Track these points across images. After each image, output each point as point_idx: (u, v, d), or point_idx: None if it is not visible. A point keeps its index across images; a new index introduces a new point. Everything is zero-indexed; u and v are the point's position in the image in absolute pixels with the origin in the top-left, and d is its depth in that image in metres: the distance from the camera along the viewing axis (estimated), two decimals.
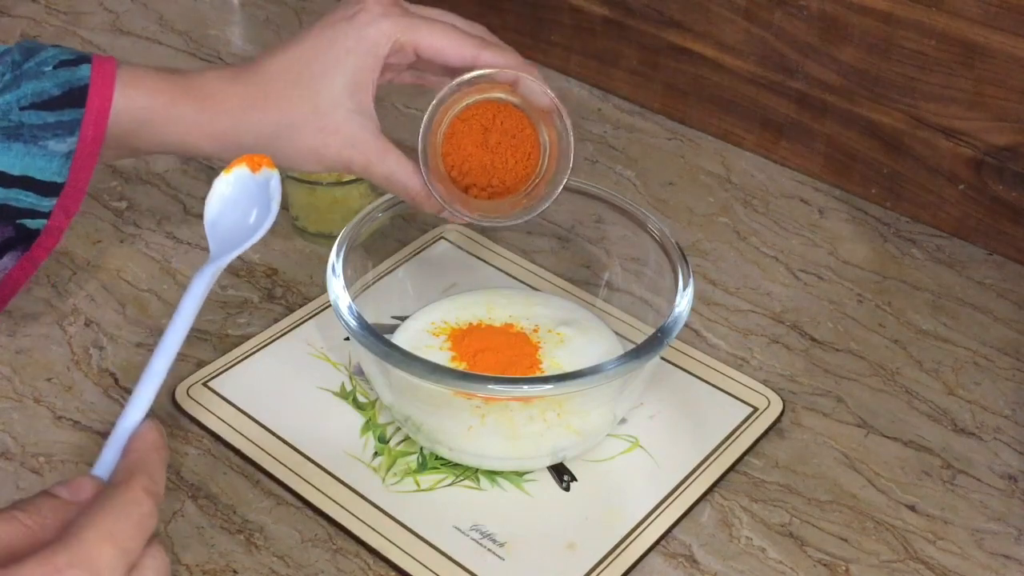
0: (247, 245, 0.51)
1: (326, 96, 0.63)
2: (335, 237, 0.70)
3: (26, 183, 0.61)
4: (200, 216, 0.89)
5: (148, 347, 0.77)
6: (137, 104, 0.62)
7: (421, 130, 0.65)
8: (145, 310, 0.80)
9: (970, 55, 0.84)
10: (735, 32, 0.95)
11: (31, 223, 0.62)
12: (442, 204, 0.65)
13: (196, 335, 0.78)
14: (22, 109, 0.60)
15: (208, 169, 0.94)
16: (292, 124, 0.63)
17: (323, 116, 0.63)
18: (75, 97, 0.60)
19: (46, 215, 0.62)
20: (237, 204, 0.53)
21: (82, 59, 0.61)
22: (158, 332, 0.78)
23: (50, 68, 0.61)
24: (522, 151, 0.66)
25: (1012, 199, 0.87)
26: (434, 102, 0.64)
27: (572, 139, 0.65)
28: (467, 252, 0.84)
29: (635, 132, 1.01)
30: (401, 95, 1.04)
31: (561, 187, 0.66)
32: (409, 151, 0.96)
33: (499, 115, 0.66)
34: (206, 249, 0.87)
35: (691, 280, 0.69)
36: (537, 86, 0.64)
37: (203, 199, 0.92)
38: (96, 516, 0.42)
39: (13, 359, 0.76)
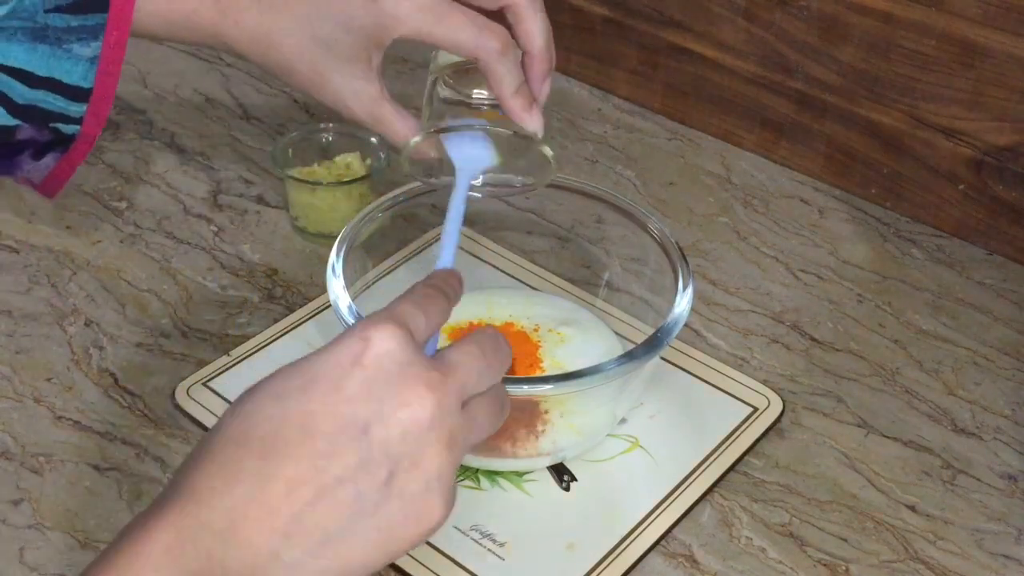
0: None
1: (327, 56, 0.65)
2: (335, 237, 0.70)
3: (53, 85, 0.63)
4: (200, 216, 0.89)
5: (148, 347, 0.77)
6: (158, 12, 0.64)
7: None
8: (145, 310, 0.80)
9: (970, 55, 0.84)
10: (735, 32, 0.95)
11: (65, 128, 0.64)
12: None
13: (196, 335, 0.78)
14: (47, 11, 0.62)
15: (208, 169, 0.94)
16: (294, 70, 0.65)
17: (322, 75, 0.65)
18: (98, 1, 0.62)
19: (78, 121, 0.64)
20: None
21: None
22: (158, 332, 0.78)
23: None
24: None
25: (1012, 199, 0.87)
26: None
27: (553, 165, 0.66)
28: (467, 252, 0.84)
29: (635, 132, 1.01)
30: (401, 95, 1.04)
31: (528, 188, 0.68)
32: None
33: None
34: (206, 249, 0.88)
35: (691, 280, 0.69)
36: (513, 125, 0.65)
37: (203, 199, 0.92)
38: (400, 296, 0.49)
39: (13, 359, 0.76)
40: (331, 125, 0.89)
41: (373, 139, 0.88)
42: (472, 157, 0.64)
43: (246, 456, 0.43)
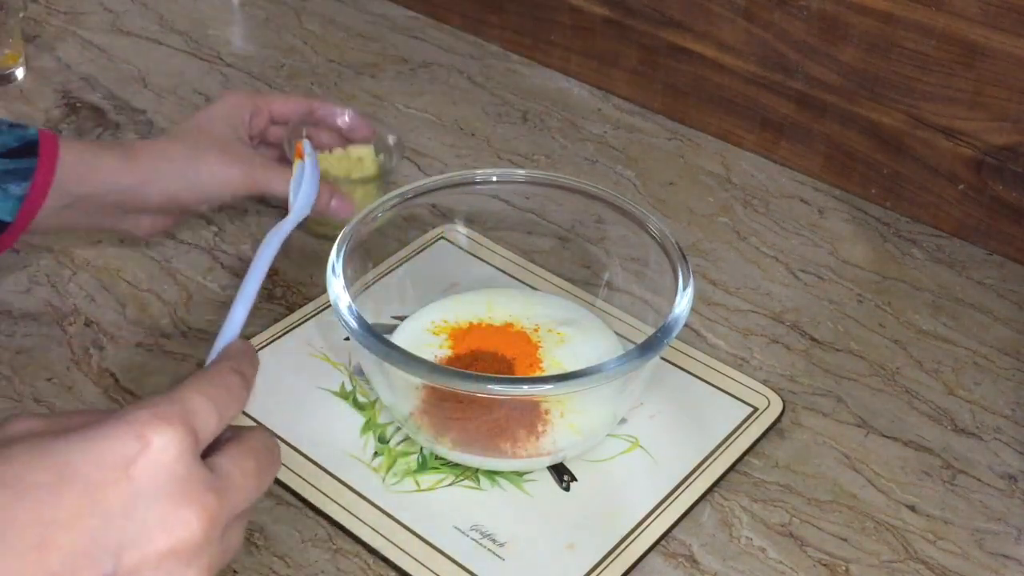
0: (295, 217, 0.67)
1: (207, 150, 0.78)
2: (335, 237, 0.70)
3: None
4: (199, 216, 0.89)
5: (148, 347, 0.77)
6: (75, 152, 0.73)
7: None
8: (145, 310, 0.80)
9: (970, 55, 0.84)
10: (735, 32, 0.95)
11: None
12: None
13: (196, 335, 0.78)
14: None
15: None
16: (184, 174, 0.77)
17: (203, 164, 0.77)
18: (29, 149, 0.71)
19: None
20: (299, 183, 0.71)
21: (25, 128, 0.73)
22: (158, 332, 0.79)
23: (6, 127, 0.71)
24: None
25: (1012, 199, 0.87)
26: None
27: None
28: (467, 252, 0.84)
29: (635, 132, 1.01)
30: (402, 95, 1.05)
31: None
32: (415, 154, 0.96)
33: None
34: (206, 249, 0.88)
35: (691, 280, 0.69)
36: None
37: None
38: (190, 380, 0.43)
39: (13, 359, 0.76)
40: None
41: (391, 137, 0.86)
42: (307, 201, 0.71)
43: None
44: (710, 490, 0.69)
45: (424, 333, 0.73)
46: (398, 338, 0.73)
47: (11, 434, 0.39)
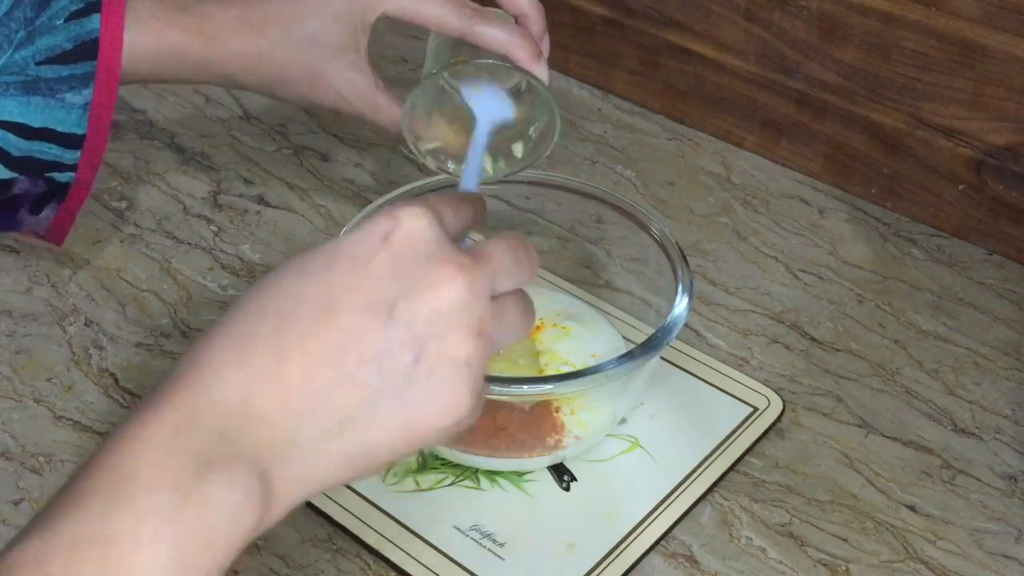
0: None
1: (317, 54, 0.66)
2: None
3: (48, 135, 0.64)
4: (200, 216, 0.89)
5: (148, 347, 0.77)
6: (147, 48, 0.65)
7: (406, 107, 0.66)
8: (145, 310, 0.80)
9: (970, 55, 0.84)
10: (735, 32, 0.95)
11: (60, 176, 0.65)
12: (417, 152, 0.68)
13: (196, 335, 0.78)
14: (38, 64, 0.63)
15: (208, 169, 0.94)
16: (288, 78, 0.67)
17: (315, 74, 0.67)
18: (87, 50, 0.63)
19: (72, 167, 0.65)
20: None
21: (91, 7, 0.64)
22: (158, 332, 0.78)
23: (61, 22, 0.63)
24: None
25: (1012, 199, 0.87)
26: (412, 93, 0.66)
27: (558, 119, 0.65)
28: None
29: (635, 132, 1.01)
30: (402, 95, 1.04)
31: (537, 157, 0.67)
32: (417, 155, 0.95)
33: None
34: (206, 249, 0.87)
35: (691, 280, 0.69)
36: (516, 71, 0.66)
37: (203, 199, 0.92)
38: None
39: (13, 359, 0.76)
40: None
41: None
42: (492, 106, 0.64)
43: (262, 331, 0.41)
44: (710, 490, 0.69)
45: None
46: None
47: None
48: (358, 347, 0.41)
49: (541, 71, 0.64)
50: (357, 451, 0.42)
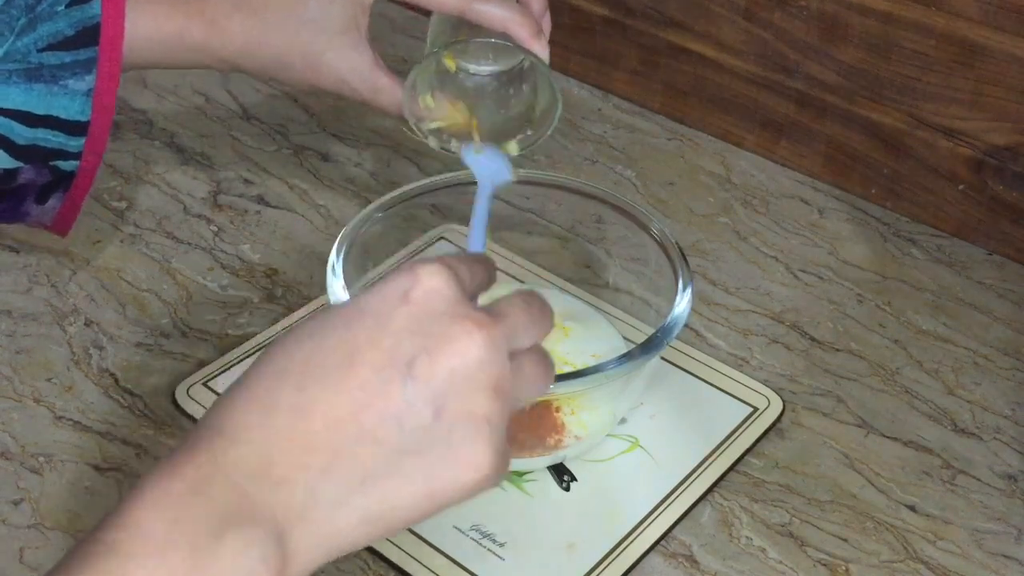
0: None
1: (318, 36, 0.66)
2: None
3: (51, 122, 0.64)
4: (200, 216, 0.89)
5: (148, 347, 0.77)
6: (148, 33, 0.65)
7: (407, 86, 0.66)
8: (145, 310, 0.80)
9: (970, 55, 0.84)
10: (735, 32, 0.95)
11: (64, 164, 0.65)
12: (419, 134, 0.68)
13: (196, 335, 0.78)
14: (40, 51, 0.63)
15: (208, 169, 0.94)
16: (288, 62, 0.67)
17: (316, 57, 0.66)
18: (88, 36, 0.63)
19: (76, 156, 0.65)
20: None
21: (84, 5, 0.63)
22: (158, 332, 0.78)
23: (62, 8, 0.63)
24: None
25: (1012, 199, 0.87)
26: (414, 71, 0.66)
27: (559, 98, 0.66)
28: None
29: (635, 132, 1.01)
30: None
31: (538, 138, 0.67)
32: (415, 154, 0.96)
33: None
34: (206, 249, 0.88)
35: (691, 280, 0.69)
36: (518, 49, 0.65)
37: (203, 199, 0.92)
38: None
39: (13, 359, 0.76)
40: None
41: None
42: (491, 168, 0.66)
43: (283, 389, 0.41)
44: (710, 490, 0.69)
45: None
46: None
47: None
48: (379, 403, 0.41)
49: (541, 49, 0.64)
50: (377, 511, 0.42)
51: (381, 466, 0.41)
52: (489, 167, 0.66)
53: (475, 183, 0.77)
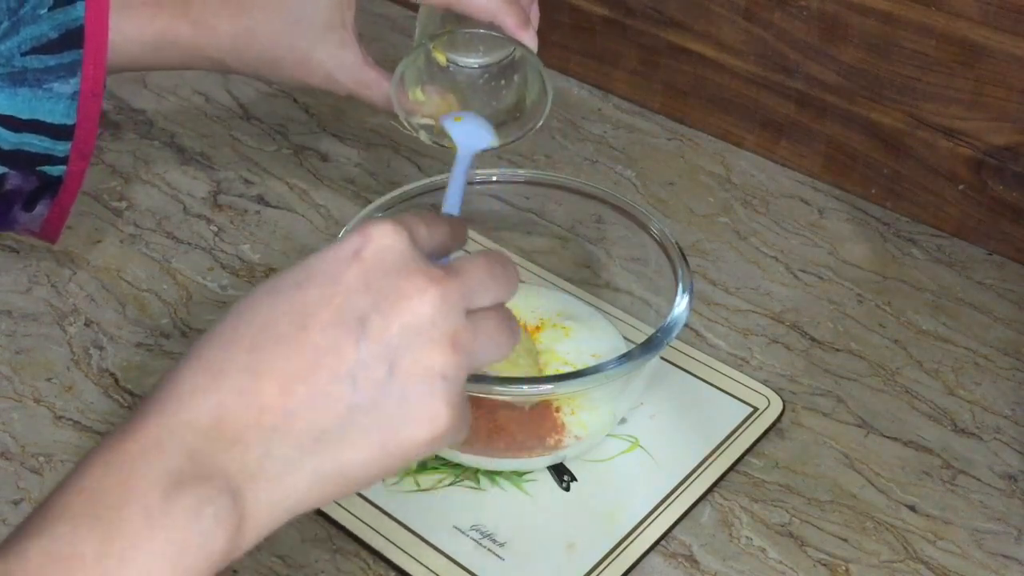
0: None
1: (305, 33, 0.66)
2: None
3: (37, 126, 0.63)
4: (200, 216, 0.89)
5: (148, 347, 0.77)
6: (134, 35, 0.64)
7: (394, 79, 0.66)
8: (145, 310, 0.80)
9: (970, 55, 0.84)
10: (735, 32, 0.95)
11: (51, 170, 0.64)
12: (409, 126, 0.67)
13: (196, 335, 0.78)
14: (23, 55, 0.62)
15: (208, 169, 0.94)
16: (276, 59, 0.66)
17: (303, 53, 0.66)
18: (72, 39, 0.62)
19: (63, 160, 0.64)
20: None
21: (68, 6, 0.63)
22: (158, 332, 0.78)
23: (45, 11, 0.62)
24: None
25: (1012, 199, 0.87)
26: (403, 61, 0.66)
27: (549, 90, 0.65)
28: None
29: (635, 132, 1.01)
30: None
31: (529, 130, 0.66)
32: (415, 154, 0.96)
33: None
34: (206, 249, 0.88)
35: (691, 280, 0.69)
36: (506, 39, 0.65)
37: (203, 199, 0.92)
38: None
39: (13, 359, 0.76)
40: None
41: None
42: (472, 134, 0.64)
43: (235, 351, 0.41)
44: (710, 490, 0.69)
45: None
46: None
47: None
48: (331, 362, 0.41)
49: (530, 39, 0.64)
50: (332, 469, 0.42)
51: (335, 425, 0.41)
52: (469, 133, 0.64)
53: (476, 183, 0.78)
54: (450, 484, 0.68)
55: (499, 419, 0.66)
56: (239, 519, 0.40)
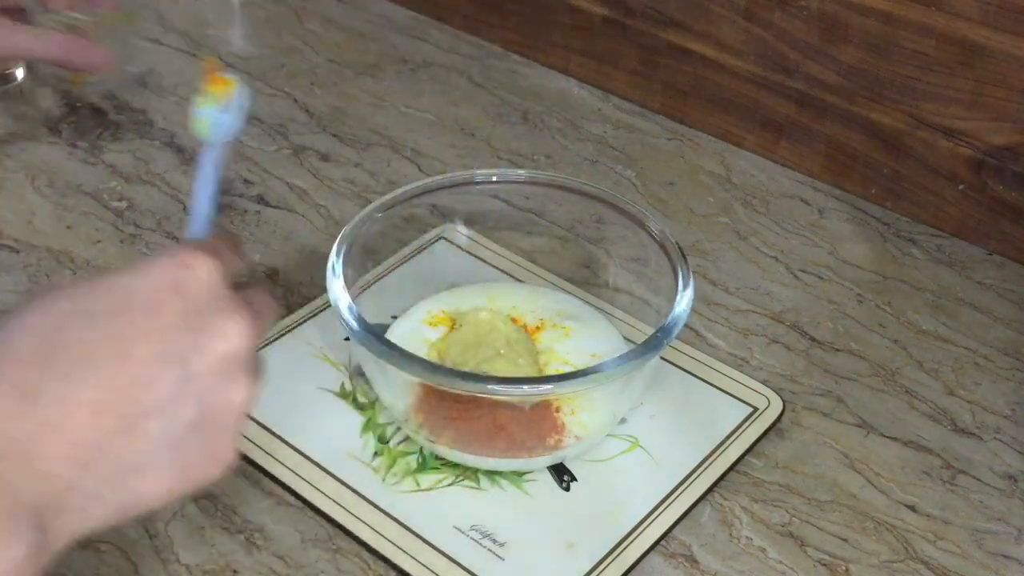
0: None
1: None
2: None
3: None
4: None
5: None
6: None
7: None
8: None
9: (970, 55, 0.84)
10: (735, 32, 0.95)
11: None
12: None
13: None
14: None
15: None
16: None
17: None
18: None
19: None
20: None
21: None
22: None
23: None
24: None
25: (1012, 199, 0.87)
26: None
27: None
28: (467, 252, 0.84)
29: (635, 132, 1.01)
30: (402, 95, 1.04)
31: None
32: (415, 154, 0.96)
33: None
34: None
35: (691, 280, 0.69)
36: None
37: None
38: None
39: None
40: None
41: None
42: (222, 126, 0.60)
43: (49, 377, 0.40)
44: (710, 490, 0.69)
45: (421, 325, 0.73)
46: (396, 330, 0.73)
47: (59, 286, 0.43)
48: (147, 397, 0.41)
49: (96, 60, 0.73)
50: (130, 500, 0.42)
51: (141, 460, 0.41)
52: (219, 121, 0.58)
53: (476, 183, 0.78)
54: (450, 484, 0.68)
55: (499, 419, 0.66)
56: (41, 551, 0.39)
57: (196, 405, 0.42)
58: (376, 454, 0.69)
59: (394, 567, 0.64)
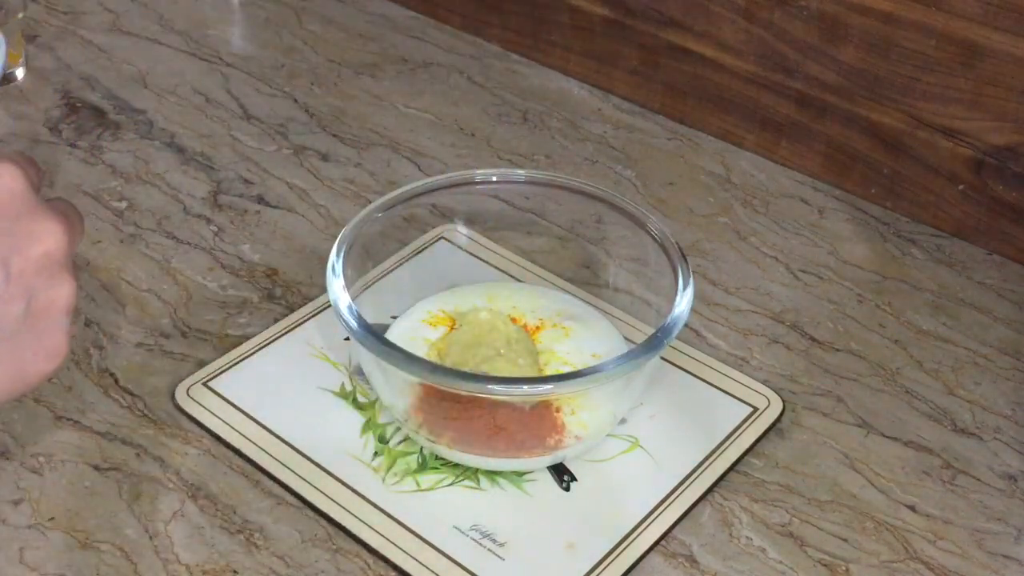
0: None
1: None
2: None
3: None
4: (200, 216, 0.89)
5: (148, 347, 0.77)
6: None
7: None
8: (145, 310, 0.80)
9: (970, 55, 0.84)
10: (735, 32, 0.95)
11: None
12: None
13: (196, 335, 0.78)
14: None
15: (208, 169, 0.94)
16: None
17: None
18: None
19: None
20: None
21: None
22: (158, 332, 0.78)
23: None
24: None
25: (1012, 199, 0.87)
26: None
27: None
28: (467, 252, 0.84)
29: (635, 132, 1.01)
30: (402, 95, 1.04)
31: None
32: (415, 154, 0.96)
33: None
34: (206, 249, 0.87)
35: (691, 280, 0.69)
36: None
37: (203, 199, 0.92)
38: None
39: None
40: None
41: None
42: None
43: None
44: (710, 490, 0.69)
45: (421, 325, 0.73)
46: (395, 329, 0.73)
47: None
48: None
49: None
50: None
51: None
52: None
53: (476, 183, 0.78)
54: (450, 484, 0.68)
55: (499, 419, 0.66)
56: None
57: (22, 301, 0.46)
58: (376, 454, 0.69)
59: (394, 567, 0.64)
